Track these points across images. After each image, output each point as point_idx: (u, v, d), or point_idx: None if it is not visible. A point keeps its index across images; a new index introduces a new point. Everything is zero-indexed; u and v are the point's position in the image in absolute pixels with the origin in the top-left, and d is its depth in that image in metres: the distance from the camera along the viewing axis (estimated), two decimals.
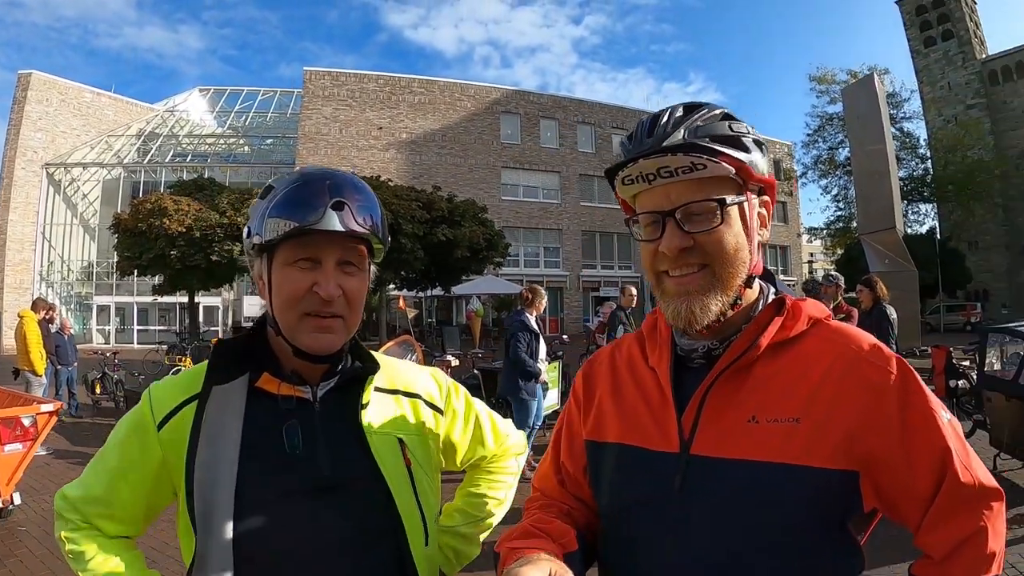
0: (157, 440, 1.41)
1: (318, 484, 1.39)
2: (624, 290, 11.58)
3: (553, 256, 51.92)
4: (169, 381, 1.53)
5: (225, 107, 55.74)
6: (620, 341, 1.59)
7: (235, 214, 28.62)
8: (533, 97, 53.88)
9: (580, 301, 51.16)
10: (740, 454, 1.19)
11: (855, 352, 1.23)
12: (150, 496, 1.46)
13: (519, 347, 8.75)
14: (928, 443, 1.15)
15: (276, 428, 1.41)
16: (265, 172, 46.77)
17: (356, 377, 1.54)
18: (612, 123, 56.13)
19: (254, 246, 1.41)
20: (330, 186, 1.39)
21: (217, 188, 32.92)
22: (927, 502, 1.15)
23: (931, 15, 61.51)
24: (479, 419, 1.83)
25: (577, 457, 1.53)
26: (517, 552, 1.29)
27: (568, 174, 53.01)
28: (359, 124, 46.65)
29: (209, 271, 29.81)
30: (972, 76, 58.95)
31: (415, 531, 1.47)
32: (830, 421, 1.16)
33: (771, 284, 1.41)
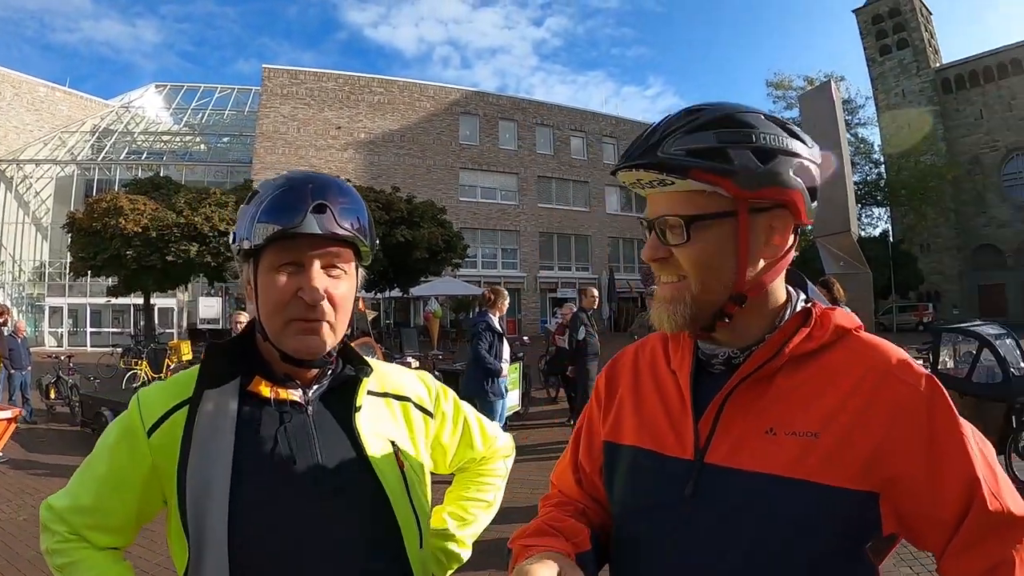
0: (147, 446, 1.39)
1: (315, 488, 1.39)
2: (585, 291, 11.74)
3: (511, 257, 52.49)
4: (158, 386, 1.52)
5: (182, 104, 55.20)
6: (645, 341, 1.58)
7: (192, 214, 28.48)
8: (492, 98, 54.47)
9: (537, 302, 51.81)
10: (754, 466, 1.18)
11: (883, 367, 1.19)
12: (140, 505, 1.43)
13: (480, 344, 8.99)
14: (955, 469, 1.10)
15: (270, 432, 1.42)
16: (222, 171, 46.80)
17: (347, 380, 1.55)
18: (570, 125, 57.15)
19: (241, 251, 1.42)
20: (312, 189, 1.40)
21: (174, 187, 32.62)
22: (951, 530, 1.11)
23: (887, 24, 63.30)
24: (468, 422, 1.84)
25: (595, 457, 1.53)
26: (529, 549, 1.31)
27: (526, 175, 53.69)
28: (317, 123, 46.61)
29: (165, 272, 29.33)
30: (926, 84, 60.80)
31: (411, 534, 1.47)
32: (851, 438, 1.13)
33: (802, 291, 1.39)
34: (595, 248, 56.25)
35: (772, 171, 1.18)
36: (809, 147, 1.25)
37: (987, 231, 59.04)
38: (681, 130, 1.20)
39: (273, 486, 1.37)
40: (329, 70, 49.37)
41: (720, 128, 1.20)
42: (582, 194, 56.85)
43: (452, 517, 1.83)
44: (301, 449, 1.42)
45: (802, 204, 1.22)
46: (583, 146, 57.83)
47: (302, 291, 1.39)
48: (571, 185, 56.40)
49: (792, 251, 1.29)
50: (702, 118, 1.21)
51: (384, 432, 1.56)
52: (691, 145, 1.18)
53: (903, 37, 62.54)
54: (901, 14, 62.69)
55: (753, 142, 1.18)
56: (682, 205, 1.21)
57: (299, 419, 1.46)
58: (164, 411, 1.42)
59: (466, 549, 1.83)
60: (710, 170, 1.17)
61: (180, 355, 20.06)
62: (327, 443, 1.46)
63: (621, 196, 59.27)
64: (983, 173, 58.83)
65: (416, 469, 1.58)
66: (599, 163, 57.79)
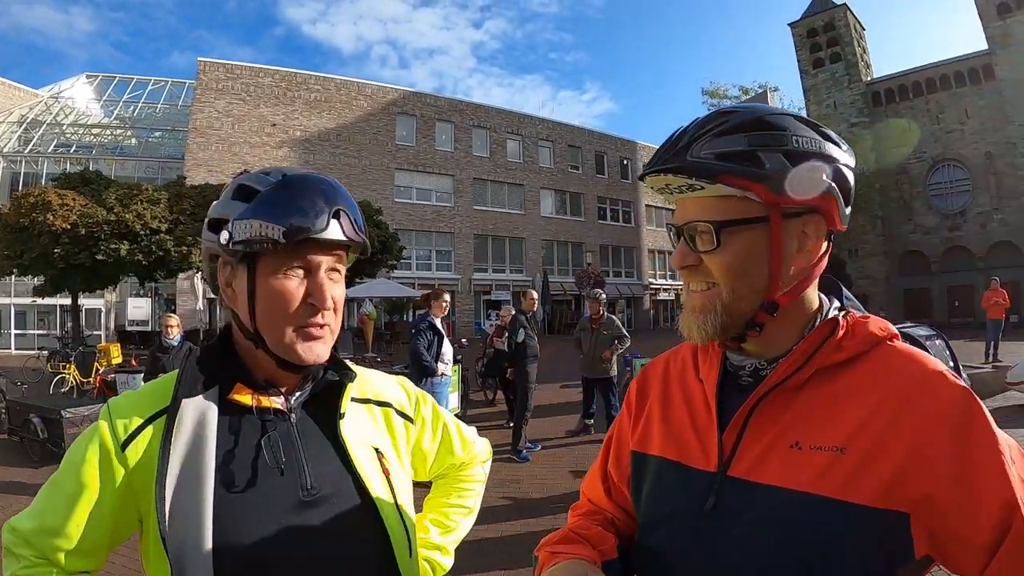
0: (121, 462, 1.31)
1: (302, 499, 1.36)
2: (525, 294, 11.89)
3: (445, 259, 52.83)
4: (130, 396, 1.44)
5: (113, 96, 54.20)
6: (677, 350, 1.54)
7: (123, 211, 27.72)
8: (430, 99, 54.72)
9: (472, 304, 52.26)
10: (776, 480, 1.15)
11: (916, 379, 1.14)
12: (114, 525, 1.33)
13: (419, 342, 9.16)
14: (990, 490, 1.03)
15: (252, 442, 1.37)
16: (153, 166, 46.33)
17: (330, 386, 1.51)
18: (507, 128, 58.11)
19: (233, 252, 1.35)
20: (326, 192, 1.38)
21: (104, 182, 31.47)
22: (987, 555, 1.03)
23: (821, 38, 65.33)
24: (447, 427, 1.82)
25: (623, 467, 1.51)
26: (556, 556, 1.32)
27: (462, 177, 54.26)
28: (252, 120, 46.09)
29: (94, 271, 28.46)
30: (857, 96, 63.02)
31: (400, 543, 1.44)
32: (879, 454, 1.08)
33: (836, 299, 1.36)
34: (529, 251, 57.15)
35: (811, 173, 1.16)
36: (843, 150, 1.23)
37: (913, 238, 61.30)
38: (711, 133, 1.19)
39: (258, 498, 1.33)
40: (265, 65, 48.96)
41: (751, 131, 1.17)
42: (517, 197, 57.61)
43: (435, 524, 1.83)
44: (286, 459, 1.38)
45: (836, 209, 1.20)
46: (519, 149, 58.57)
47: (312, 297, 1.37)
48: (506, 188, 57.07)
49: (826, 258, 1.26)
50: (733, 120, 1.19)
51: (368, 439, 1.53)
52: (721, 148, 1.17)
53: (836, 51, 64.70)
54: (835, 29, 64.90)
55: (785, 145, 1.16)
56: (712, 210, 1.19)
57: (282, 427, 1.41)
58: (139, 423, 1.34)
59: (449, 557, 1.83)
60: (741, 174, 1.15)
61: (110, 358, 19.71)
62: (312, 452, 1.42)
63: (556, 199, 60.94)
64: (910, 183, 61.17)
65: (400, 476, 1.56)
66: (535, 166, 59.13)
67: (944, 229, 59.91)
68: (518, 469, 9.71)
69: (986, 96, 57.07)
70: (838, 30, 64.78)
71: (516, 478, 9.12)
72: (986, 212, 57.71)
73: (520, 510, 7.68)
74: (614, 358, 11.95)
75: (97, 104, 53.73)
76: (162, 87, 56.00)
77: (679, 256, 1.26)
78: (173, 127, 50.66)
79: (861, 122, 61.34)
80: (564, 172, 61.23)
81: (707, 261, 1.21)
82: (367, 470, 1.46)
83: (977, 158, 57.98)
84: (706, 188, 1.18)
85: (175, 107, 53.13)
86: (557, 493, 8.41)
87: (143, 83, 56.09)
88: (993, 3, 55.36)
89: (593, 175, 63.49)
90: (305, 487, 1.38)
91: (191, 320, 27.58)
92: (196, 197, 30.09)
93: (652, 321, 64.88)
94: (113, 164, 45.10)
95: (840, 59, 64.63)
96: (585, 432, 12.20)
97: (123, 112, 52.99)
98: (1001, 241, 56.45)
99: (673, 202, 1.28)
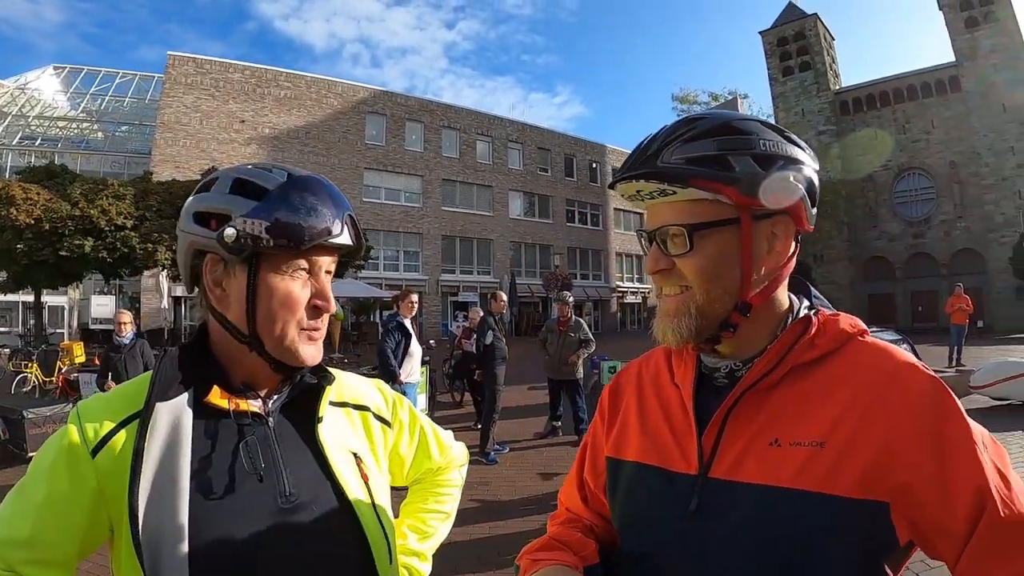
0: (92, 468, 1.25)
1: (280, 505, 1.33)
2: (495, 296, 11.86)
3: (413, 260, 52.78)
4: (101, 399, 1.38)
5: (80, 88, 53.45)
6: (649, 355, 1.56)
7: (88, 206, 27.16)
8: (400, 99, 54.67)
9: (439, 306, 52.31)
10: (758, 478, 1.17)
11: (889, 371, 1.17)
12: (85, 534, 1.26)
13: (387, 343, 9.20)
14: (964, 476, 1.07)
15: (229, 447, 1.34)
16: (119, 161, 45.94)
17: (308, 389, 1.48)
18: (477, 129, 58.31)
19: (237, 250, 1.31)
20: (334, 196, 1.40)
21: (69, 177, 30.80)
22: (964, 539, 1.07)
23: (791, 47, 66.04)
24: (424, 431, 1.81)
25: (599, 473, 1.52)
26: (537, 564, 1.32)
27: (431, 178, 54.25)
28: (221, 116, 45.55)
29: (57, 267, 27.79)
30: (825, 105, 63.71)
31: (380, 549, 1.42)
32: (856, 446, 1.11)
33: (805, 298, 1.39)
34: (497, 252, 57.29)
35: (780, 177, 1.19)
36: (807, 152, 1.27)
37: (879, 244, 62.23)
38: (680, 139, 1.21)
39: (236, 505, 1.29)
40: (236, 61, 48.03)
41: (720, 136, 1.20)
42: (486, 198, 57.78)
43: (412, 530, 1.81)
44: (264, 464, 1.34)
45: (803, 210, 1.24)
46: (489, 150, 58.76)
47: (317, 298, 1.38)
48: (475, 189, 57.20)
49: (794, 258, 1.30)
50: (701, 126, 1.22)
51: (346, 443, 1.51)
52: (691, 153, 1.19)
53: (806, 60, 65.45)
54: (806, 38, 65.74)
55: (753, 148, 1.20)
56: (684, 214, 1.21)
57: (260, 432, 1.38)
58: (110, 427, 1.29)
59: (427, 563, 1.81)
60: (712, 178, 1.17)
61: (73, 357, 19.54)
62: (290, 457, 1.39)
63: (524, 201, 61.08)
64: (876, 190, 62.13)
65: (379, 481, 1.55)
66: (503, 167, 59.40)
67: (909, 236, 61.07)
68: (486, 471, 9.71)
69: (952, 107, 58.26)
70: (808, 39, 65.69)
71: (484, 480, 9.14)
72: (950, 220, 58.92)
73: (489, 512, 7.70)
74: (580, 361, 11.98)
75: (64, 96, 53.32)
76: (130, 80, 55.44)
77: (651, 261, 1.28)
78: (140, 121, 50.19)
79: (828, 130, 62.26)
80: (533, 174, 61.56)
81: (680, 264, 1.24)
82: (346, 475, 1.44)
83: (942, 167, 59.17)
84: (678, 193, 1.21)
85: (143, 101, 52.73)
86: (526, 495, 8.47)
87: (111, 76, 55.51)
88: (961, 17, 56.60)
89: (562, 178, 63.82)
90: (284, 493, 1.34)
91: (155, 319, 27.44)
92: (163, 193, 29.79)
93: (619, 324, 65.40)
94: (79, 158, 44.52)
95: (809, 68, 65.49)
96: (553, 434, 12.29)
97: (90, 105, 52.31)
98: (964, 248, 57.77)
99: (644, 209, 1.32)
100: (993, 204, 55.68)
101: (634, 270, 69.11)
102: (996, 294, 53.99)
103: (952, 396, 1.14)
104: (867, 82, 64.09)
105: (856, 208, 60.94)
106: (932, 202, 60.26)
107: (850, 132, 62.14)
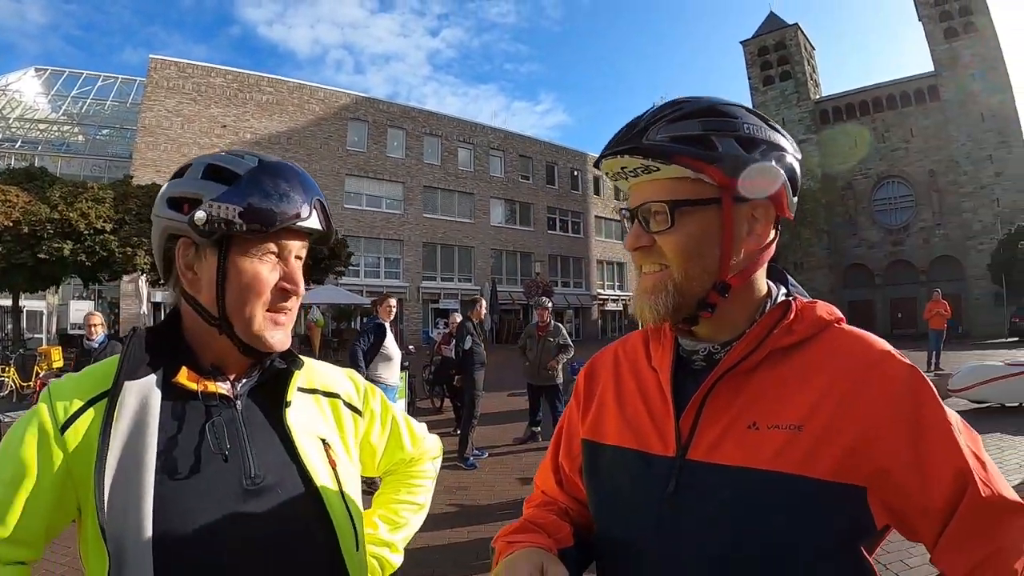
0: (60, 445, 1.25)
1: (245, 487, 1.33)
2: (476, 302, 11.98)
3: (394, 267, 52.54)
4: (71, 378, 1.39)
5: (62, 91, 53.45)
6: (626, 339, 1.57)
7: (67, 208, 26.62)
8: (383, 105, 54.67)
9: (420, 312, 52.17)
10: (736, 460, 1.18)
11: (866, 359, 1.19)
12: (52, 512, 1.25)
13: (358, 343, 9.19)
14: (943, 458, 1.10)
15: (196, 428, 1.34)
16: (99, 165, 45.87)
17: (277, 374, 1.49)
18: (459, 136, 58.18)
19: (208, 232, 1.32)
20: (304, 181, 1.40)
21: (49, 179, 30.39)
22: (943, 520, 1.10)
23: (772, 56, 66.88)
24: (396, 421, 1.81)
25: (575, 457, 1.53)
26: (512, 546, 1.32)
27: (412, 185, 54.16)
28: (203, 120, 45.03)
29: (36, 271, 27.10)
30: (805, 114, 64.42)
31: (346, 535, 1.42)
32: (835, 431, 1.12)
33: (782, 285, 1.40)
34: (478, 260, 57.31)
35: (761, 161, 1.20)
36: (789, 140, 1.29)
37: (858, 251, 63.06)
38: (666, 119, 1.22)
39: (200, 485, 1.29)
40: (219, 65, 47.64)
41: (705, 117, 1.22)
42: (467, 205, 57.79)
43: (383, 521, 1.80)
44: (230, 446, 1.34)
45: (784, 196, 1.25)
46: (470, 158, 58.78)
47: (285, 281, 1.39)
48: (456, 196, 57.22)
49: (773, 245, 1.30)
50: (686, 108, 1.23)
51: (315, 430, 1.51)
52: (676, 132, 1.20)
53: (787, 69, 66.28)
54: (787, 48, 66.62)
55: (737, 131, 1.21)
56: (666, 192, 1.22)
57: (227, 414, 1.38)
58: (80, 405, 1.29)
59: (399, 554, 1.80)
60: (696, 156, 1.18)
61: (51, 362, 19.45)
62: (257, 439, 1.39)
63: (505, 209, 60.97)
64: (855, 198, 62.94)
65: (348, 469, 1.55)
66: (485, 175, 59.36)
67: (888, 243, 61.93)
68: (465, 476, 9.72)
69: (931, 116, 59.17)
70: (789, 49, 66.60)
71: (463, 485, 9.17)
72: (928, 227, 59.80)
73: (467, 517, 7.68)
74: (560, 367, 12.02)
75: (45, 99, 52.98)
76: (112, 83, 55.39)
77: (632, 237, 1.29)
78: (121, 125, 50.43)
79: (809, 139, 62.61)
80: (515, 182, 61.70)
81: (660, 242, 1.25)
82: (312, 460, 1.43)
83: (921, 175, 60.06)
84: (661, 170, 1.21)
85: (124, 105, 52.96)
86: (505, 500, 8.47)
87: (92, 79, 55.40)
88: (941, 27, 57.61)
89: (543, 185, 64.00)
90: (249, 475, 1.34)
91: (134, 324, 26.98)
92: (143, 197, 29.24)
93: (600, 331, 65.23)
94: (59, 161, 44.63)
95: (790, 77, 66.32)
96: (532, 439, 12.30)
97: (71, 108, 52.38)
98: (943, 255, 58.63)
99: (627, 187, 1.32)
100: (971, 212, 56.70)
101: (615, 278, 69.35)
102: (974, 300, 54.97)
103: (927, 382, 1.16)
104: (847, 91, 65.00)
105: (836, 216, 61.54)
106: (911, 210, 61.16)
107: (830, 141, 62.91)
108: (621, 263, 68.72)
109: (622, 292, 68.34)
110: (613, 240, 68.98)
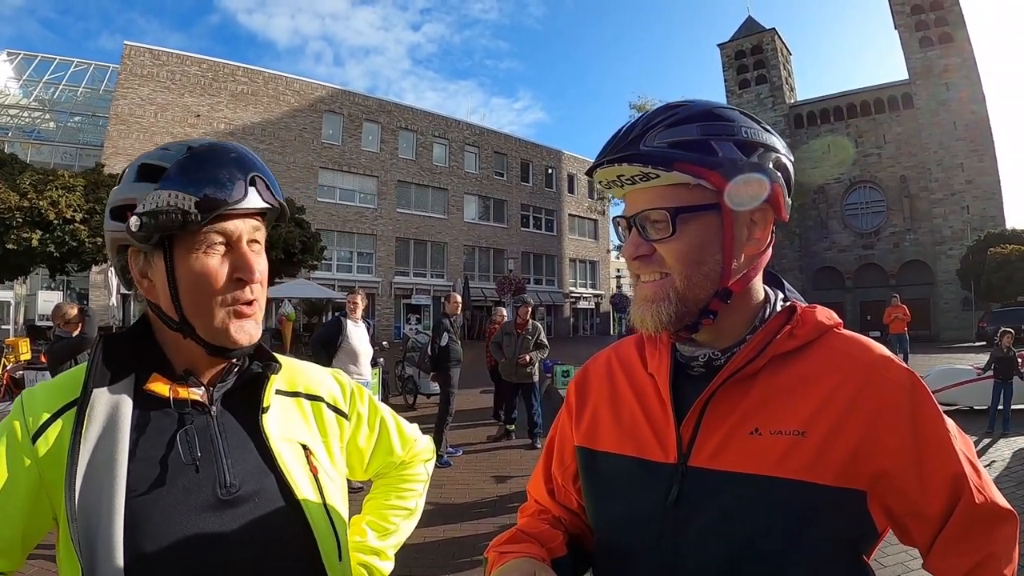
0: (30, 455, 1.23)
1: (220, 497, 1.29)
2: (449, 297, 11.73)
3: (366, 261, 52.52)
4: (44, 386, 1.36)
5: (33, 76, 52.33)
6: (618, 345, 1.55)
7: (37, 196, 26.09)
8: (359, 99, 54.53)
9: (392, 307, 52.11)
10: (739, 467, 1.17)
11: (867, 364, 1.19)
12: (28, 522, 1.23)
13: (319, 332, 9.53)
14: (940, 464, 1.12)
15: (168, 436, 1.30)
16: (70, 152, 45.26)
17: (254, 378, 1.44)
18: (435, 132, 58.36)
19: (145, 237, 1.26)
20: (238, 159, 1.32)
21: (19, 166, 29.19)
22: (938, 525, 1.12)
23: (748, 60, 67.63)
24: (385, 423, 1.75)
25: (567, 465, 1.52)
26: (505, 556, 1.31)
27: (386, 179, 54.13)
28: (176, 109, 44.57)
29: (3, 260, 26.52)
30: (780, 118, 64.97)
31: (328, 545, 1.37)
32: (837, 436, 1.13)
33: (779, 290, 1.40)
34: (451, 255, 57.36)
35: (755, 164, 1.19)
36: (782, 142, 1.27)
37: (829, 254, 63.99)
38: (662, 124, 1.20)
39: (173, 495, 1.25)
40: (194, 54, 47.11)
41: (702, 121, 1.20)
42: (441, 201, 57.80)
43: (372, 527, 1.75)
44: (204, 454, 1.30)
45: (781, 198, 1.24)
46: (445, 153, 58.88)
47: (239, 271, 1.32)
48: (430, 191, 57.20)
49: (771, 248, 1.29)
50: (683, 112, 1.21)
51: (295, 435, 1.47)
52: (674, 138, 1.18)
53: (762, 73, 67.04)
54: (763, 52, 67.37)
55: (735, 135, 1.20)
56: (666, 199, 1.20)
57: (201, 421, 1.34)
58: (51, 413, 1.27)
59: (388, 561, 1.75)
60: (696, 162, 1.17)
61: (18, 354, 18.98)
62: (233, 447, 1.35)
63: (479, 205, 61.33)
64: (827, 202, 63.83)
65: (331, 475, 1.50)
66: (459, 171, 59.62)
67: (859, 247, 62.90)
68: (440, 474, 9.56)
69: (904, 123, 60.25)
70: (765, 53, 67.35)
71: (438, 483, 8.64)
72: (899, 232, 60.83)
73: (442, 515, 7.68)
74: (536, 364, 12.05)
75: (16, 84, 52.46)
76: (85, 70, 54.49)
77: (631, 246, 1.26)
78: (94, 112, 49.50)
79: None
80: (489, 178, 61.91)
81: (661, 249, 1.22)
82: (292, 468, 1.38)
83: (892, 181, 61.12)
84: (660, 177, 1.19)
85: (97, 92, 52.04)
86: (479, 498, 8.53)
87: (65, 64, 54.49)
88: (916, 36, 58.56)
89: (518, 182, 64.28)
90: (223, 484, 1.30)
91: (104, 316, 27.02)
92: (114, 186, 28.85)
93: (572, 329, 66.00)
94: (29, 148, 43.90)
95: (766, 81, 67.08)
96: (507, 437, 12.33)
97: (43, 94, 51.42)
98: (912, 260, 59.84)
99: (620, 195, 1.31)
100: (942, 218, 57.72)
101: (587, 276, 69.98)
102: (943, 305, 56.06)
103: (927, 388, 1.18)
104: (822, 96, 65.85)
105: (808, 219, 62.47)
106: (882, 215, 62.22)
107: (804, 145, 63.56)
108: (594, 261, 69.64)
109: (594, 290, 69.16)
110: (586, 239, 69.76)
